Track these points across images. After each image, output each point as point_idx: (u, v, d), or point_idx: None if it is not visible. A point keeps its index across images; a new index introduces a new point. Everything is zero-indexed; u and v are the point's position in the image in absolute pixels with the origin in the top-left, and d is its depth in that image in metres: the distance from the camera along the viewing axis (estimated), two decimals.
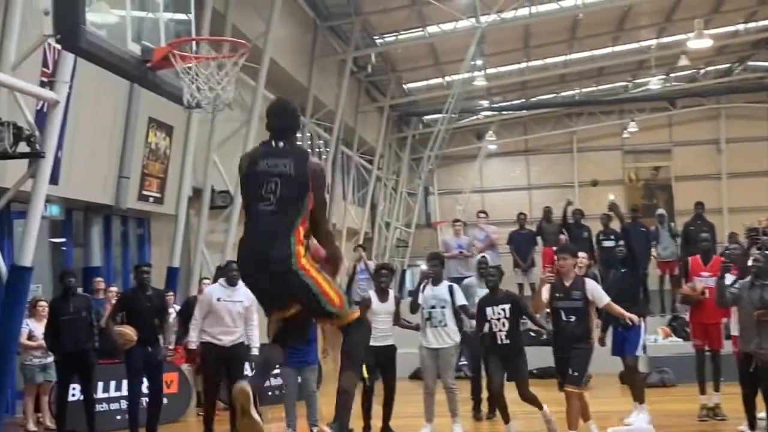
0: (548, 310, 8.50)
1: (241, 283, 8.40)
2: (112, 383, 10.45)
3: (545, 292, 8.24)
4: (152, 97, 13.93)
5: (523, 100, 33.55)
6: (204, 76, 5.33)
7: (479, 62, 25.50)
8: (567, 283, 8.15)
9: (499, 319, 8.67)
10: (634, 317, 8.41)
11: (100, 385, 10.25)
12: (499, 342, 8.66)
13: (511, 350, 8.60)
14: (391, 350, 9.13)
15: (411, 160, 34.73)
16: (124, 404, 10.23)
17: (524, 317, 9.08)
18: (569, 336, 8.08)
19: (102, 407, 10.16)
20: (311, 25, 22.19)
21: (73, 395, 9.82)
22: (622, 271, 10.13)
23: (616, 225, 15.59)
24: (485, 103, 33.52)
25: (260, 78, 17.29)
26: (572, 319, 8.07)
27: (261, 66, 16.72)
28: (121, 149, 13.40)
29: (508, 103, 33.67)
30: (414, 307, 9.21)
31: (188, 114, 15.40)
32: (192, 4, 5.64)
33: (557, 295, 8.17)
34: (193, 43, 5.74)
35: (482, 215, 14.83)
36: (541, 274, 9.43)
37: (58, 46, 10.79)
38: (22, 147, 9.98)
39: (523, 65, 29.11)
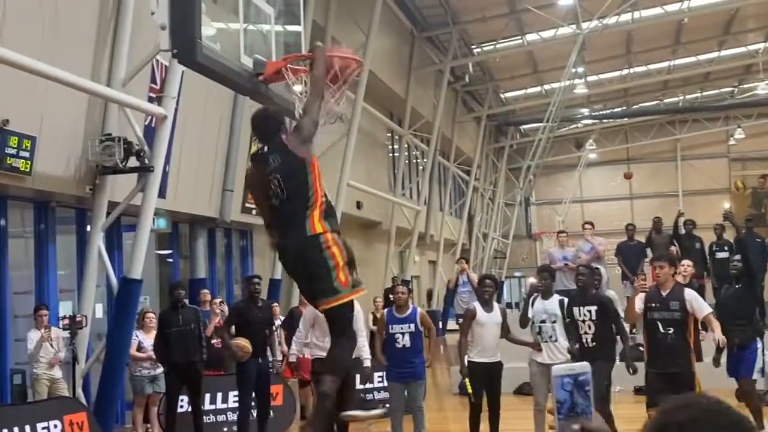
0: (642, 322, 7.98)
1: None
2: (219, 395, 10.53)
3: (639, 302, 7.78)
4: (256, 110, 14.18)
5: (625, 108, 32.76)
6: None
7: (580, 69, 25.00)
8: (664, 293, 7.61)
9: (584, 321, 8.28)
10: (722, 338, 7.84)
11: (207, 396, 10.34)
12: (586, 345, 8.26)
13: (595, 356, 8.01)
14: (498, 367, 8.88)
15: (508, 170, 34.32)
16: (231, 416, 10.28)
17: (613, 324, 8.54)
18: (667, 350, 7.57)
19: (209, 419, 10.23)
20: (408, 36, 22.17)
21: (182, 407, 9.92)
22: (737, 286, 9.52)
23: (729, 235, 15.00)
24: (585, 111, 32.87)
25: (359, 90, 17.32)
26: (670, 332, 7.57)
27: (360, 78, 16.73)
28: (225, 162, 13.58)
29: (609, 111, 32.94)
30: (524, 322, 8.92)
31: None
32: (301, 16, 5.56)
33: (653, 305, 7.54)
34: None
35: (588, 226, 14.37)
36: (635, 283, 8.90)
37: (166, 62, 11.06)
38: (132, 162, 10.22)
39: (625, 72, 28.41)
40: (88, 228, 10.84)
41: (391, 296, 9.87)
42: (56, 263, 10.60)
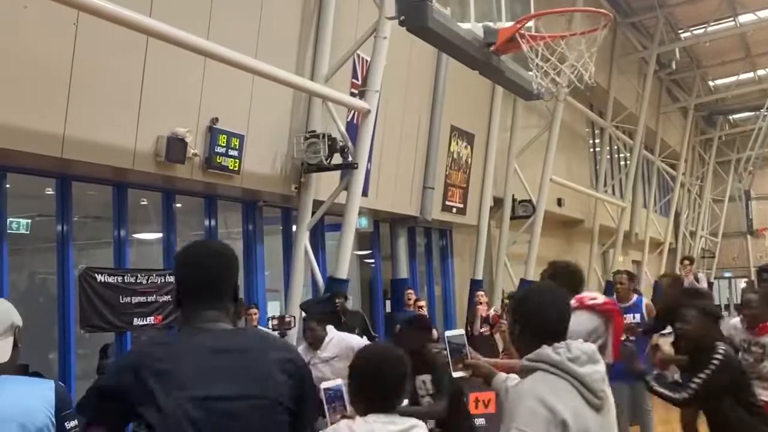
0: None
1: None
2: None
3: None
4: (454, 105, 13.69)
5: None
6: (555, 58, 4.63)
7: None
8: None
9: None
10: None
11: None
12: None
13: None
14: None
15: (716, 164, 31.99)
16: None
17: None
18: None
19: None
20: (611, 23, 20.93)
21: None
22: None
23: None
24: None
25: (562, 81, 16.40)
26: None
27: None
28: (425, 158, 13.16)
29: None
30: None
31: (489, 119, 14.98)
32: None
33: None
34: (532, 21, 5.11)
35: None
36: None
37: (367, 57, 10.76)
38: (336, 159, 9.97)
39: None
40: (294, 227, 10.73)
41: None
42: (264, 263, 10.54)
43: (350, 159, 10.01)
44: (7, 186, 7.51)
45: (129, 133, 7.76)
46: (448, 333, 3.54)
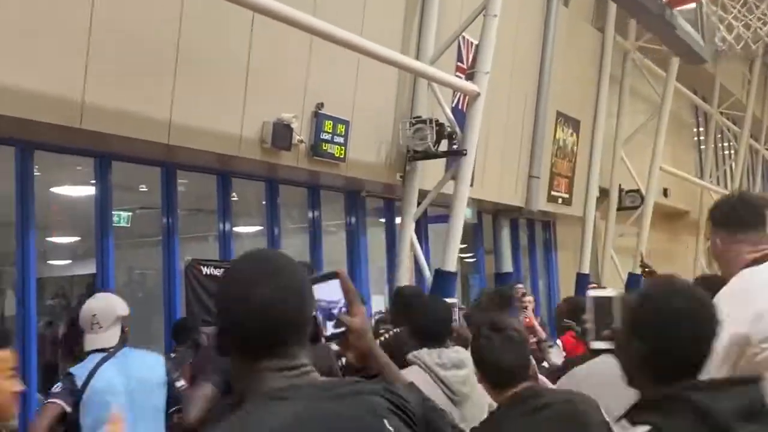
0: None
1: None
2: None
3: None
4: (560, 90, 13.03)
5: None
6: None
7: None
8: None
9: None
10: None
11: None
12: None
13: None
14: None
15: None
16: None
17: None
18: None
19: None
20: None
21: None
22: None
23: None
24: None
25: (671, 66, 15.56)
26: None
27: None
28: (531, 146, 12.53)
29: None
30: None
31: (595, 105, 14.26)
32: None
33: None
34: None
35: None
36: None
37: (473, 39, 10.23)
38: (443, 146, 9.47)
39: None
40: (398, 219, 10.29)
41: None
42: (368, 256, 10.12)
43: (458, 146, 9.48)
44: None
45: (235, 118, 7.41)
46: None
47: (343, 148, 8.63)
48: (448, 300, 4.60)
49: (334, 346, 3.63)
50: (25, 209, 6.36)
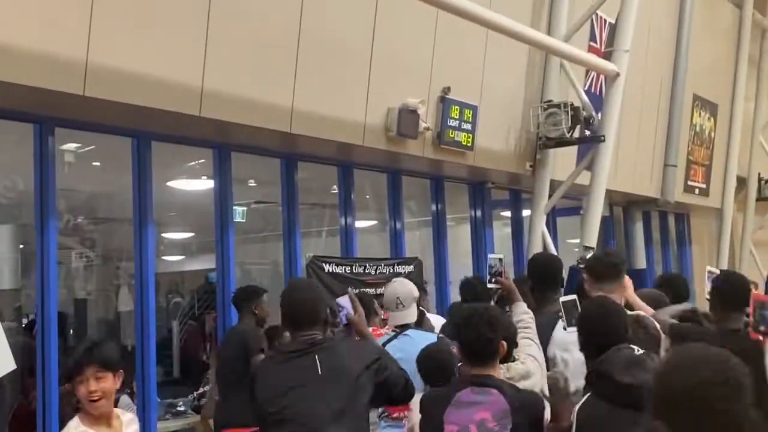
0: None
1: None
2: None
3: None
4: (696, 71, 12.03)
5: None
6: None
7: None
8: None
9: None
10: None
11: None
12: None
13: None
14: None
15: None
16: None
17: None
18: None
19: None
20: None
21: None
22: None
23: None
24: None
25: None
26: None
27: None
28: (666, 132, 11.60)
29: None
30: None
31: (733, 87, 13.18)
32: None
33: None
34: None
35: None
36: None
37: (608, 17, 9.44)
38: (576, 132, 8.74)
39: None
40: (525, 212, 9.60)
41: None
42: (494, 250, 9.46)
43: (595, 131, 8.72)
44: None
45: (358, 105, 6.88)
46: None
47: (470, 135, 8.01)
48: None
49: None
50: (143, 203, 6.00)
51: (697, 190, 12.64)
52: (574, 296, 3.95)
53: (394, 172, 8.29)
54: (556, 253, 9.15)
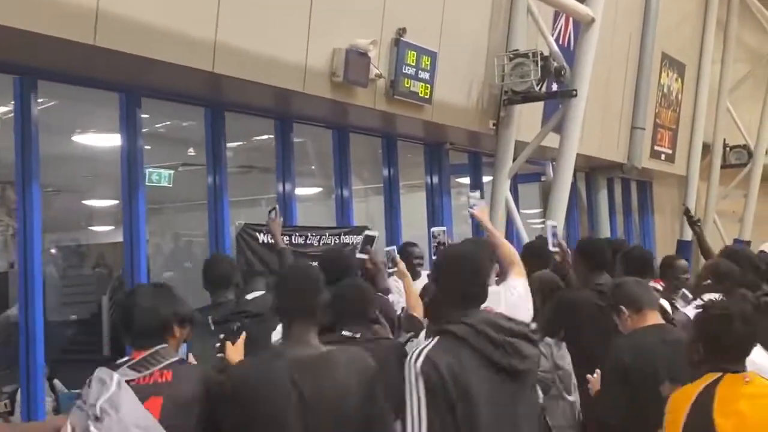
0: None
1: None
2: None
3: None
4: (665, 28, 11.16)
5: None
6: None
7: None
8: None
9: None
10: None
11: None
12: None
13: None
14: None
15: None
16: None
17: None
18: None
19: None
20: None
21: None
22: None
23: None
24: None
25: None
26: None
27: None
28: (635, 91, 10.70)
29: None
30: None
31: (701, 47, 12.36)
32: None
33: None
34: None
35: None
36: None
37: None
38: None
39: None
40: (485, 179, 8.64)
41: None
42: (452, 220, 8.47)
43: (567, 85, 7.76)
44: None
45: (298, 43, 5.76)
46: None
47: (428, 86, 6.95)
48: None
49: None
50: (27, 154, 4.81)
51: (663, 156, 11.82)
52: None
53: (340, 128, 7.19)
54: (521, 223, 8.24)
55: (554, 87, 8.05)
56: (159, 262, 9.70)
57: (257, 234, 6.02)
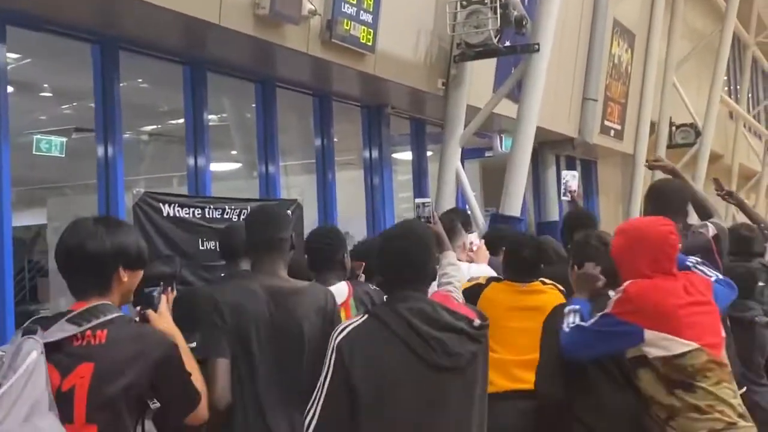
0: None
1: None
2: None
3: None
4: None
5: None
6: None
7: None
8: None
9: None
10: None
11: None
12: None
13: None
14: None
15: None
16: None
17: None
18: None
19: None
20: None
21: None
22: None
23: None
24: None
25: None
26: None
27: None
28: (586, 61, 9.79)
29: None
30: None
31: (650, 18, 11.56)
32: None
33: None
34: None
35: None
36: None
37: None
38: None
39: None
40: (433, 146, 7.58)
41: None
42: (392, 193, 7.35)
43: (527, 39, 6.73)
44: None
45: None
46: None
47: (371, 31, 5.82)
48: None
49: None
50: None
51: (612, 132, 10.97)
52: None
53: (264, 80, 5.97)
54: (473, 198, 7.20)
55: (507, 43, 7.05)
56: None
57: (161, 205, 4.78)
